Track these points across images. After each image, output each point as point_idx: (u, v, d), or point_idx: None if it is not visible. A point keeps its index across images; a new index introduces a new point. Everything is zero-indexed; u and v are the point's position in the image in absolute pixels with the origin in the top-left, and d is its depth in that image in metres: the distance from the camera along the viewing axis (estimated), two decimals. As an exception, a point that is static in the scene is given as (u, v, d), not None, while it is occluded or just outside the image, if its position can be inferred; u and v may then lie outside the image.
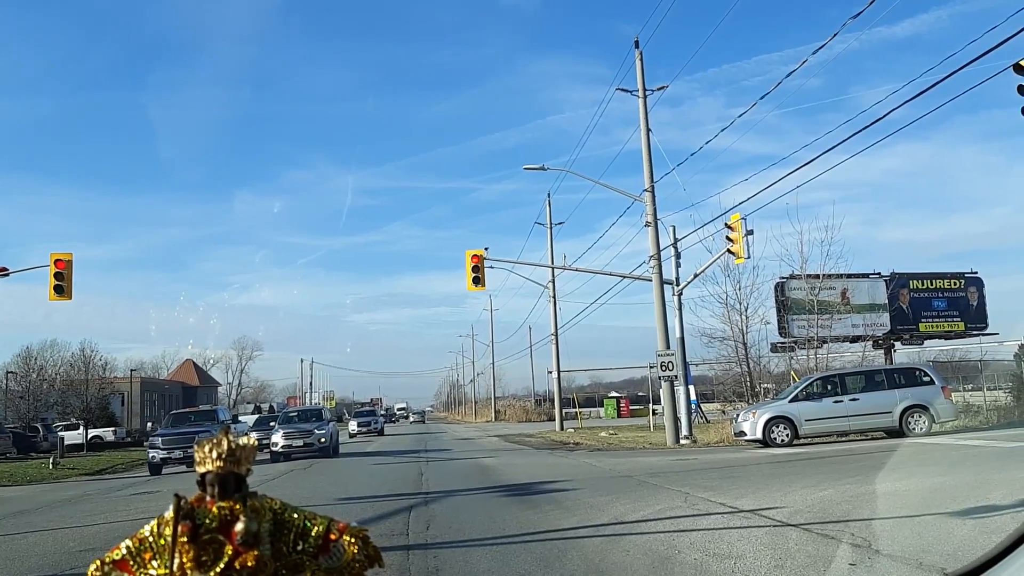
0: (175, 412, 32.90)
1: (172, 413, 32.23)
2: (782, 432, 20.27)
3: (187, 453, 23.30)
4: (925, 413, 19.76)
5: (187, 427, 25.40)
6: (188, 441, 23.54)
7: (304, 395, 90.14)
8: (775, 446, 19.95)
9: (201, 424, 25.62)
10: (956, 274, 41.09)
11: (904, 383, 20.59)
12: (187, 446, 23.38)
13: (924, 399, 19.91)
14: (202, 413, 28.41)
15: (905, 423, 19.76)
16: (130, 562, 1.96)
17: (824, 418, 20.40)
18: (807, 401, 20.70)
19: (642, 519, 9.39)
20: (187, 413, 29.64)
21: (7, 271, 28.43)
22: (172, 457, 24.24)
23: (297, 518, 2.00)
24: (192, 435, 23.24)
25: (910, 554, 6.35)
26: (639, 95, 25.82)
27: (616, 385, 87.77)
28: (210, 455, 1.94)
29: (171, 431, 25.52)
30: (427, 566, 7.17)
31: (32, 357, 56.86)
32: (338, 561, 2.00)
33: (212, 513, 1.92)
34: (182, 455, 23.88)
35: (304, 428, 27.62)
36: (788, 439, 20.15)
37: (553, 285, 43.13)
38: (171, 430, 25.71)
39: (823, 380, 21.84)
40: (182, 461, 24.01)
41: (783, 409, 20.75)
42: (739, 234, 22.72)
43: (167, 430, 26.02)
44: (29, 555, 9.26)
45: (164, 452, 24.25)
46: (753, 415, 21.08)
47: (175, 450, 24.13)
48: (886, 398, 20.18)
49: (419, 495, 13.48)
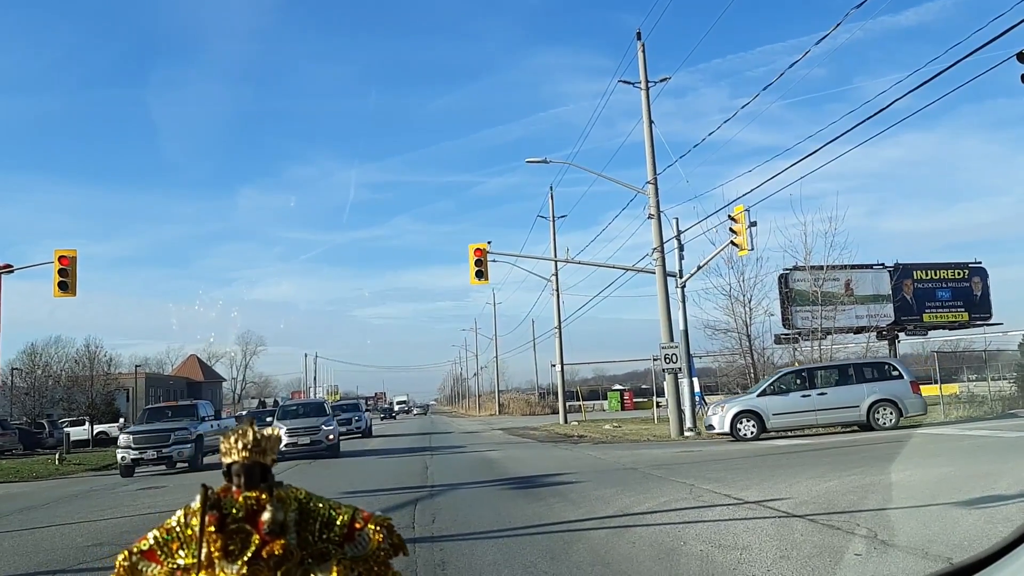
0: (150, 407, 29.23)
1: (147, 408, 28.65)
2: (749, 426, 20.58)
3: (162, 453, 21.09)
4: (893, 407, 19.86)
5: (163, 423, 22.57)
6: (163, 439, 21.20)
7: (308, 390, 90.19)
8: (742, 440, 20.23)
9: (179, 420, 22.66)
10: (960, 264, 41.05)
11: (873, 377, 20.71)
12: (162, 444, 21.12)
13: (892, 393, 20.02)
14: (181, 408, 24.71)
15: (872, 417, 19.86)
16: (158, 552, 1.99)
17: (791, 412, 20.59)
18: (775, 395, 20.98)
19: (648, 511, 9.43)
20: (163, 408, 26.27)
21: (12, 268, 28.53)
22: (145, 458, 21.13)
23: (322, 507, 2.03)
24: (167, 433, 21.34)
25: (917, 544, 6.37)
26: (641, 87, 25.79)
27: (620, 378, 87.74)
28: (236, 445, 1.97)
29: (144, 428, 22.43)
30: (433, 559, 7.20)
31: (37, 354, 57.06)
32: (363, 550, 2.03)
33: (239, 503, 1.95)
34: (156, 455, 21.13)
35: (310, 424, 24.92)
36: (755, 433, 20.44)
37: (556, 278, 43.14)
38: (144, 427, 22.60)
39: (792, 374, 22.06)
40: (157, 462, 21.40)
41: (751, 403, 21.07)
42: (742, 226, 22.72)
43: (139, 427, 22.92)
44: (37, 551, 9.30)
45: (136, 452, 21.05)
46: (722, 409, 21.40)
47: (148, 449, 21.07)
48: (854, 392, 20.29)
49: (424, 488, 13.53)
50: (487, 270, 27.23)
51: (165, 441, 21.08)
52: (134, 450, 21.01)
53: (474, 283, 27.60)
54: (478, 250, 27.14)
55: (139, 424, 23.81)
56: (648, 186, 25.66)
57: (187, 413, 23.48)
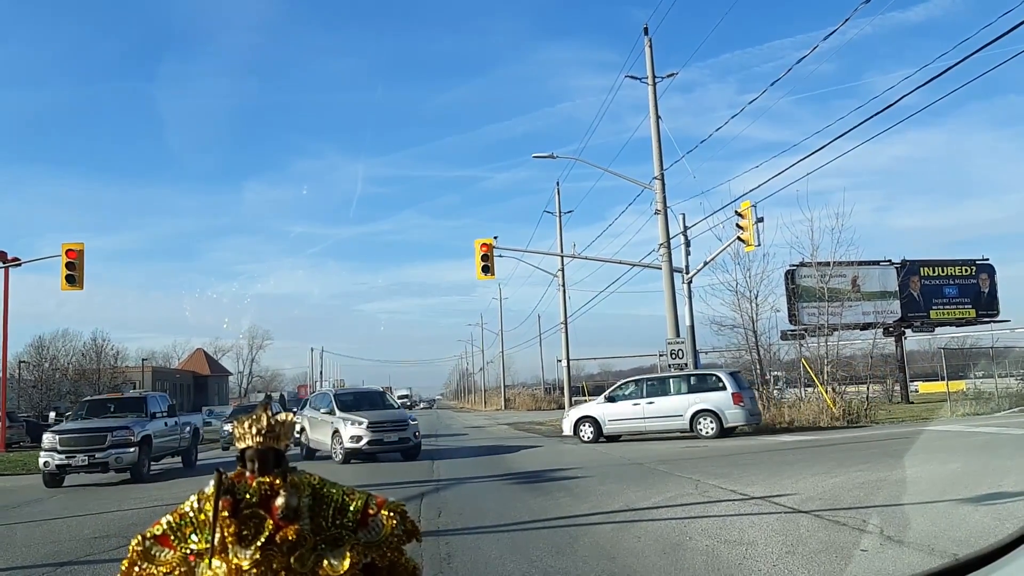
0: (89, 399, 23.29)
1: (86, 400, 22.81)
2: (588, 430, 22.05)
3: (96, 459, 16.54)
4: (714, 417, 20.63)
5: (101, 421, 18.03)
6: (98, 441, 16.79)
7: (315, 384, 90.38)
8: (584, 443, 21.48)
9: (123, 416, 18.28)
10: (967, 261, 40.87)
11: (699, 388, 21.52)
12: (96, 448, 16.64)
13: (714, 404, 20.75)
14: (126, 402, 20.02)
15: (695, 426, 20.75)
16: (171, 537, 2.00)
17: (624, 419, 21.82)
18: (611, 403, 22.28)
19: (653, 506, 9.44)
20: (106, 401, 20.96)
21: (19, 261, 28.68)
22: (75, 464, 16.55)
23: (336, 493, 2.05)
24: (104, 433, 16.96)
25: (922, 540, 6.37)
26: (648, 83, 25.75)
27: (626, 373, 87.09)
28: (250, 431, 1.97)
29: (75, 427, 17.89)
30: (439, 552, 7.21)
31: (44, 347, 57.40)
32: (377, 535, 2.04)
33: (252, 488, 1.96)
34: (88, 461, 16.52)
35: (397, 419, 19.74)
36: (593, 437, 21.84)
37: (562, 273, 43.11)
38: (76, 425, 18.01)
39: (630, 383, 23.38)
40: (89, 468, 16.71)
41: (591, 409, 22.79)
42: (749, 221, 22.65)
43: (71, 425, 18.26)
44: (44, 543, 9.34)
45: (62, 457, 16.53)
46: (571, 413, 23.28)
47: (79, 454, 16.54)
48: (679, 402, 21.25)
49: (430, 482, 13.57)
50: (493, 265, 27.27)
51: (100, 443, 16.75)
52: (60, 454, 16.63)
53: (480, 278, 27.65)
54: (484, 245, 27.16)
55: (72, 421, 19.19)
56: (655, 182, 25.63)
57: (134, 408, 19.01)
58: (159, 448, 18.85)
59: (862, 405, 24.15)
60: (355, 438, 18.64)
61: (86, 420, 18.50)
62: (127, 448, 16.94)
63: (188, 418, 22.69)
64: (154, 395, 21.00)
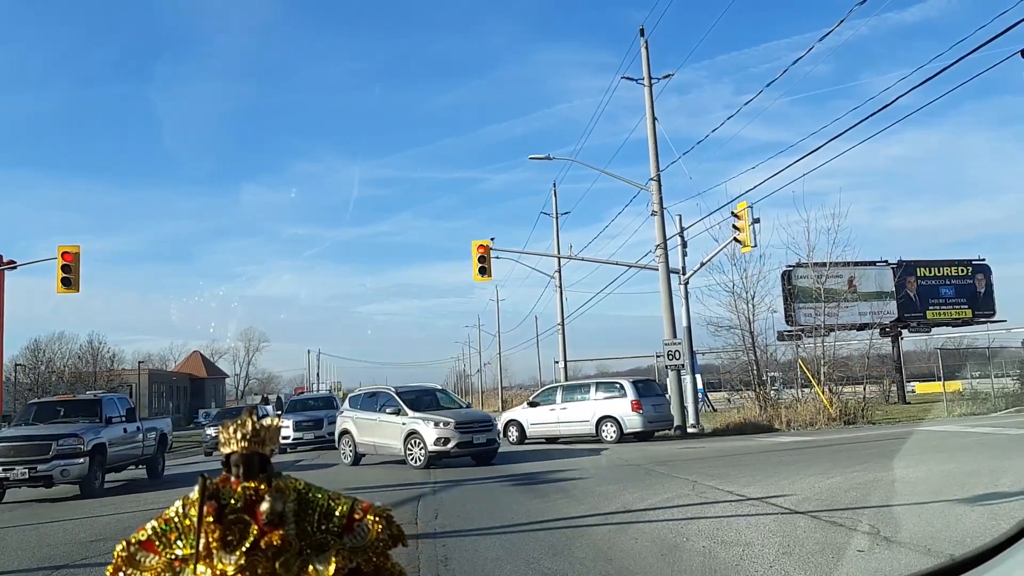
0: (36, 401, 20.31)
1: (32, 403, 19.77)
2: (514, 433, 23.79)
3: (38, 471, 14.50)
4: (615, 423, 21.71)
5: (47, 428, 15.80)
6: (41, 451, 14.70)
7: (312, 386, 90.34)
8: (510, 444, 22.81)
9: (74, 422, 16.08)
10: (963, 261, 40.90)
11: (604, 396, 22.59)
12: (39, 459, 14.58)
13: (615, 411, 21.86)
14: (78, 405, 17.42)
15: (600, 431, 21.95)
16: (156, 542, 1.98)
17: (542, 423, 23.45)
18: (533, 408, 24.06)
19: (650, 507, 9.43)
20: (55, 404, 18.05)
21: (15, 264, 28.59)
22: (13, 478, 14.53)
23: (321, 498, 2.03)
24: (48, 442, 14.80)
25: (919, 540, 6.36)
26: (645, 84, 25.74)
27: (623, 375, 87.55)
28: (235, 436, 1.96)
29: (15, 435, 15.69)
30: (436, 554, 7.22)
31: (40, 349, 57.42)
32: (362, 540, 2.02)
33: (237, 493, 1.95)
34: (28, 474, 14.49)
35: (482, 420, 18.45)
36: (517, 439, 23.56)
37: (559, 274, 43.10)
38: (17, 432, 15.99)
39: (549, 391, 25.26)
40: (32, 483, 14.73)
41: (517, 414, 24.73)
42: (746, 222, 22.66)
43: (11, 432, 16.42)
44: (40, 546, 9.32)
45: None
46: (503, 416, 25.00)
47: (17, 467, 14.50)
48: (587, 408, 22.54)
49: (427, 484, 13.55)
50: (490, 267, 27.21)
51: (43, 453, 14.69)
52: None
53: (477, 280, 27.59)
54: (481, 246, 27.11)
55: (15, 427, 17.19)
56: (651, 183, 25.61)
57: (87, 411, 16.71)
58: (116, 458, 16.56)
59: (859, 405, 24.18)
60: (442, 440, 16.84)
61: (30, 426, 16.22)
62: (75, 459, 14.83)
63: (153, 423, 19.92)
64: (111, 397, 18.52)
